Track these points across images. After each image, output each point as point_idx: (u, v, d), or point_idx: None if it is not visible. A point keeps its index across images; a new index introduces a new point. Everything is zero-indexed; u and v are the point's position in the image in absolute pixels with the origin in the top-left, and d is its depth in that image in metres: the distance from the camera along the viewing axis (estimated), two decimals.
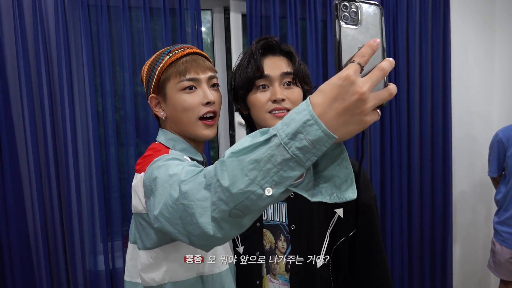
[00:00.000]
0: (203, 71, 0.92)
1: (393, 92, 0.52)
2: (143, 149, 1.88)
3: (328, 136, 0.51)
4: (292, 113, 0.53)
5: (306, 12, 2.04)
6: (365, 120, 0.51)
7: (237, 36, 2.07)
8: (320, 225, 1.00)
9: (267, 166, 0.53)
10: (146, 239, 0.87)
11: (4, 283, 1.65)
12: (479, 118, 2.61)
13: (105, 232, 1.78)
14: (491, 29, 2.61)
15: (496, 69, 2.64)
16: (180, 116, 0.92)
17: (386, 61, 0.51)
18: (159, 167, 0.77)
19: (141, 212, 0.86)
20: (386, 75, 0.51)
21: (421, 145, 2.37)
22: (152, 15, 1.84)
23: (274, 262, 1.04)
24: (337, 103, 0.50)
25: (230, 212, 0.57)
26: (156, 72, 0.93)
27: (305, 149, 0.51)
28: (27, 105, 1.64)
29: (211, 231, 0.60)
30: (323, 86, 0.52)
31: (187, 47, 0.95)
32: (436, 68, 2.34)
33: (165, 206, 0.68)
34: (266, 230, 1.05)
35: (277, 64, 1.00)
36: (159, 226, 0.71)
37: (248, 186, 0.54)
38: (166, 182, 0.71)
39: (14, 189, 1.63)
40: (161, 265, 0.87)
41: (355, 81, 0.49)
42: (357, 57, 0.51)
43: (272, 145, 0.53)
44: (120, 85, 1.83)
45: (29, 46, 1.65)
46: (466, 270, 2.67)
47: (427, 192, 2.39)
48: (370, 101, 0.50)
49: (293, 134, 0.51)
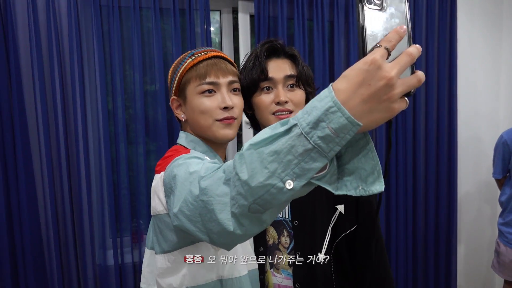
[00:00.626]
0: (224, 75, 0.91)
1: (422, 78, 0.49)
2: (152, 148, 1.92)
3: (353, 124, 0.48)
4: (314, 101, 0.51)
5: (313, 13, 2.06)
6: (393, 107, 0.49)
7: (245, 36, 2.09)
8: (322, 221, 1.02)
9: (287, 158, 0.50)
10: (163, 242, 0.85)
11: (17, 277, 1.69)
12: (485, 119, 2.61)
13: (114, 228, 1.82)
14: (497, 30, 2.61)
15: (503, 70, 2.64)
16: (197, 119, 0.91)
17: (414, 47, 0.49)
18: (179, 165, 0.76)
19: (160, 213, 0.84)
20: (414, 61, 0.49)
21: (426, 145, 2.37)
22: (162, 15, 1.87)
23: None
24: (363, 89, 0.47)
25: (250, 207, 0.55)
26: (178, 74, 0.94)
27: (327, 138, 0.49)
28: (40, 103, 1.68)
29: (231, 228, 0.58)
30: (347, 72, 0.49)
31: (210, 50, 0.95)
32: (442, 69, 2.35)
33: (185, 203, 0.66)
34: (269, 226, 1.08)
35: (281, 67, 1.02)
36: (178, 224, 0.69)
37: (268, 179, 0.51)
38: (186, 180, 0.69)
39: (27, 186, 1.67)
40: (179, 269, 0.84)
41: (382, 65, 0.47)
42: (384, 42, 0.49)
43: (293, 135, 0.50)
44: (130, 84, 1.86)
45: (43, 45, 1.69)
46: (471, 270, 2.67)
47: (432, 192, 2.39)
48: (398, 87, 0.48)
49: (315, 122, 0.49)
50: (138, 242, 1.92)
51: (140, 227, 1.90)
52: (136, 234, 1.93)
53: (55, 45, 1.69)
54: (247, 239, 0.63)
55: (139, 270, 1.88)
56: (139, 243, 1.91)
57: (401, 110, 0.50)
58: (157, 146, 1.90)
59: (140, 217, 1.89)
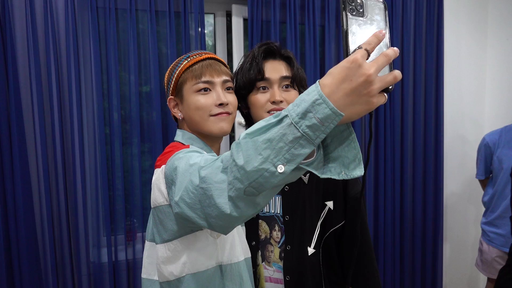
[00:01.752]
0: (218, 74, 0.98)
1: (398, 76, 0.56)
2: (146, 148, 1.95)
3: (336, 114, 0.55)
4: (302, 95, 0.57)
5: (305, 17, 2.11)
6: (372, 101, 0.55)
7: (238, 39, 2.13)
8: (312, 216, 1.08)
9: (279, 145, 0.57)
10: (164, 232, 0.89)
11: (12, 274, 1.71)
12: (470, 120, 2.68)
13: (108, 226, 1.84)
14: (483, 32, 2.68)
15: (488, 72, 2.71)
16: (193, 115, 0.96)
17: (391, 49, 0.56)
18: (180, 158, 0.81)
19: (161, 204, 0.88)
20: (390, 61, 0.56)
21: (414, 145, 2.43)
22: (158, 17, 1.90)
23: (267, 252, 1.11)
24: (345, 84, 0.54)
25: (245, 190, 0.61)
26: (175, 75, 0.99)
27: (314, 127, 0.55)
28: (37, 104, 1.71)
29: (228, 210, 0.63)
30: (332, 69, 0.56)
31: (205, 53, 1.01)
32: (429, 70, 2.41)
33: (186, 192, 0.72)
34: (261, 221, 1.13)
35: (277, 68, 1.07)
36: (179, 212, 0.74)
37: (262, 164, 0.58)
38: (186, 171, 0.75)
39: (23, 185, 1.70)
40: (179, 257, 0.89)
41: (362, 64, 0.53)
42: (364, 45, 0.56)
43: (284, 124, 0.57)
44: (126, 85, 1.89)
45: (40, 46, 1.72)
46: (456, 269, 2.74)
47: (419, 193, 2.46)
48: (376, 83, 0.54)
49: (303, 113, 0.55)
50: (132, 240, 1.95)
51: (133, 225, 1.93)
52: (130, 232, 1.96)
53: (52, 46, 1.71)
54: (243, 221, 0.68)
55: (132, 268, 1.92)
56: (133, 241, 1.94)
57: (380, 104, 0.57)
58: (151, 147, 1.93)
59: (134, 216, 1.93)
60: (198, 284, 0.89)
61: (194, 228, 0.87)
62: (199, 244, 0.89)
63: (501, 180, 2.16)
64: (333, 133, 0.61)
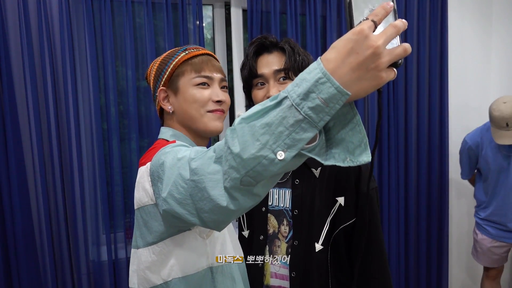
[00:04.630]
0: (217, 71, 0.95)
1: (408, 49, 0.51)
2: (144, 144, 1.92)
3: (342, 93, 0.50)
4: (303, 74, 0.53)
5: (306, 7, 2.06)
6: (380, 75, 0.51)
7: (237, 31, 2.09)
8: (322, 211, 1.05)
9: (278, 129, 0.52)
10: (148, 234, 0.83)
11: (10, 273, 1.69)
12: (475, 112, 2.64)
13: (108, 224, 1.81)
14: (488, 23, 2.63)
15: (493, 64, 2.67)
16: (189, 109, 0.92)
17: (399, 20, 0.51)
18: (166, 153, 0.76)
19: (145, 204, 0.83)
20: (399, 33, 0.51)
21: (418, 137, 2.40)
22: (155, 10, 1.86)
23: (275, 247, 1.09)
24: (351, 58, 0.50)
25: (242, 180, 0.56)
26: (171, 66, 0.94)
27: (317, 108, 0.51)
28: (32, 99, 1.67)
29: (224, 203, 0.59)
30: (336, 43, 0.52)
31: (202, 48, 0.98)
32: (433, 62, 2.37)
33: (175, 187, 0.67)
34: (270, 215, 1.11)
35: (270, 62, 1.05)
36: (167, 209, 0.69)
37: (260, 150, 0.53)
38: (174, 166, 0.70)
39: (19, 182, 1.66)
40: (166, 260, 0.83)
41: (369, 35, 0.49)
42: (371, 16, 0.51)
43: (284, 107, 0.52)
44: (123, 79, 1.85)
45: (34, 40, 1.68)
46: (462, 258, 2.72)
47: (424, 183, 2.43)
48: (385, 56, 0.50)
49: (305, 94, 0.51)
50: (131, 238, 1.91)
51: (133, 222, 1.89)
52: (130, 230, 1.93)
53: (46, 40, 1.67)
54: (240, 214, 0.63)
55: None
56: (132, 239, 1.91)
57: (389, 80, 0.52)
58: (150, 142, 1.90)
59: (133, 213, 1.89)
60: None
61: (182, 228, 0.81)
62: (188, 245, 0.83)
63: (491, 180, 2.20)
64: (335, 116, 0.56)
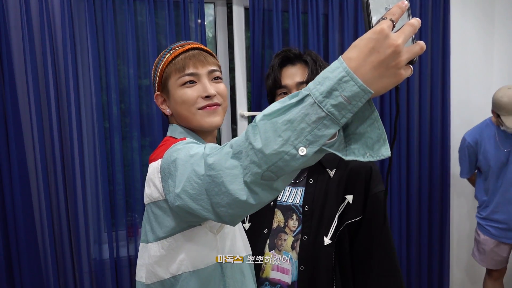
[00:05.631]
0: (203, 65, 0.92)
1: (423, 46, 0.54)
2: (146, 142, 1.92)
3: (365, 91, 0.53)
4: (325, 72, 0.55)
5: (308, 5, 2.06)
6: (400, 73, 0.54)
7: (239, 29, 2.08)
8: (332, 208, 1.09)
9: (301, 126, 0.54)
10: (158, 229, 0.84)
11: (12, 271, 1.69)
12: (477, 109, 2.63)
13: (109, 222, 1.82)
14: (490, 20, 2.62)
15: (495, 61, 2.66)
16: (180, 110, 0.92)
17: (414, 19, 0.54)
18: (178, 149, 0.77)
19: (156, 199, 0.84)
20: (416, 31, 0.54)
21: (420, 135, 2.39)
22: (156, 8, 1.86)
23: (280, 241, 1.12)
24: (373, 56, 0.52)
25: (263, 175, 0.57)
26: (159, 70, 0.94)
27: (340, 106, 0.53)
28: (34, 97, 1.67)
29: (244, 197, 0.60)
30: (357, 42, 0.54)
31: (187, 43, 0.95)
32: (435, 59, 2.36)
33: (189, 183, 0.68)
34: (277, 210, 1.15)
35: (293, 74, 1.13)
36: (180, 204, 0.70)
37: (282, 146, 0.55)
38: (187, 162, 0.71)
39: (21, 181, 1.67)
40: (175, 255, 0.84)
41: (389, 34, 0.52)
42: (389, 15, 0.54)
43: (306, 104, 0.54)
44: (124, 78, 1.85)
45: (36, 38, 1.68)
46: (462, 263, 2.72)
47: (425, 181, 2.42)
48: (404, 54, 0.53)
49: (328, 92, 0.53)
50: (133, 236, 1.92)
51: (135, 221, 1.90)
52: (131, 228, 1.93)
53: (48, 39, 1.67)
54: (257, 208, 0.64)
55: (134, 264, 1.89)
56: (134, 237, 1.91)
57: (407, 77, 0.55)
58: (152, 141, 1.90)
59: (135, 211, 1.90)
60: (196, 282, 0.84)
61: (193, 223, 0.83)
62: (198, 240, 0.84)
63: (491, 177, 2.19)
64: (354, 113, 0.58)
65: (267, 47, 2.02)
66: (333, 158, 1.14)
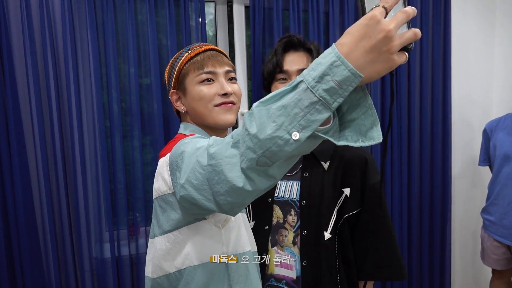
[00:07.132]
0: (221, 65, 0.96)
1: (418, 33, 0.54)
2: (147, 141, 1.92)
3: (355, 75, 0.53)
4: (318, 59, 0.56)
5: (308, 4, 2.05)
6: (393, 58, 0.54)
7: (240, 28, 2.08)
8: (330, 202, 1.09)
9: (294, 111, 0.55)
10: (165, 223, 0.86)
11: (13, 270, 1.69)
12: (478, 107, 2.63)
13: (111, 221, 1.82)
14: (491, 17, 2.61)
15: (496, 58, 2.65)
16: (197, 107, 0.95)
17: (409, 7, 0.55)
18: (186, 143, 0.79)
19: (164, 193, 0.86)
20: (409, 19, 0.55)
21: (421, 133, 2.39)
22: (157, 7, 1.85)
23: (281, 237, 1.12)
24: (364, 41, 0.53)
25: (258, 160, 0.59)
26: (176, 68, 0.98)
27: (331, 90, 0.54)
28: (35, 96, 1.67)
29: (240, 183, 0.61)
30: (350, 28, 0.56)
31: (205, 45, 1.00)
32: (436, 57, 2.35)
33: (192, 173, 0.70)
34: (275, 206, 1.15)
35: (296, 61, 1.12)
36: (184, 194, 0.72)
37: (276, 131, 0.56)
38: (193, 154, 0.73)
39: (22, 180, 1.66)
40: (181, 248, 0.85)
41: (380, 20, 0.53)
42: (382, 3, 0.55)
43: (299, 90, 0.55)
44: (125, 77, 1.85)
45: (36, 38, 1.67)
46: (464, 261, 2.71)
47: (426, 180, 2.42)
48: (396, 40, 0.53)
49: (320, 77, 0.54)
50: (134, 235, 1.92)
51: (136, 219, 1.90)
52: (133, 227, 1.93)
53: (49, 37, 1.67)
54: (255, 196, 0.65)
55: (136, 263, 1.90)
56: (135, 236, 1.91)
57: (401, 63, 0.56)
58: (153, 140, 1.90)
59: (136, 210, 1.90)
60: (201, 276, 0.85)
61: (198, 216, 0.84)
62: (203, 234, 0.86)
63: (495, 166, 2.12)
64: (349, 101, 0.60)
65: (267, 46, 2.02)
66: (326, 149, 1.14)
